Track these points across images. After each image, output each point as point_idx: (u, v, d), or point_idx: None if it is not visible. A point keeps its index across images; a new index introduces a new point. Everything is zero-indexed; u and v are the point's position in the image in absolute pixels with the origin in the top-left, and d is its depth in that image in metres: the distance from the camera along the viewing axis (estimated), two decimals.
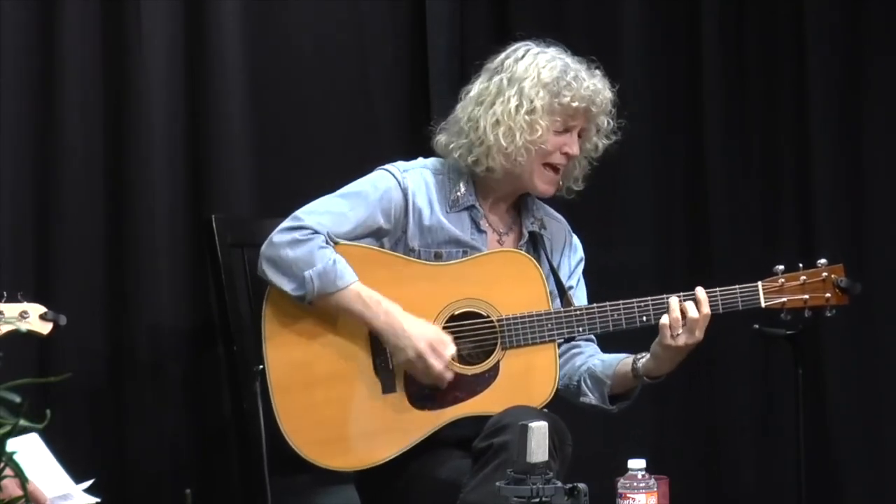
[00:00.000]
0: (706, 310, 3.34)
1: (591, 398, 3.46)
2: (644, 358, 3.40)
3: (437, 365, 3.31)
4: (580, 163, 3.53)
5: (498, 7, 4.46)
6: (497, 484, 2.72)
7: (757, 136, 4.63)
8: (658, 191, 4.59)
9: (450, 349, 3.32)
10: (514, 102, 3.43)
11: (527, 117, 3.41)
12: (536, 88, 3.43)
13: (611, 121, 3.51)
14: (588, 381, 3.46)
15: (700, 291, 3.36)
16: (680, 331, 3.33)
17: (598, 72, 3.49)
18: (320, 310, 3.35)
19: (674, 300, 3.35)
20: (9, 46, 3.62)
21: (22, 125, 3.65)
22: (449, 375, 3.33)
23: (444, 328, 3.37)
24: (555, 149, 3.45)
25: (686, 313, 3.34)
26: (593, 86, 3.45)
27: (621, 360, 3.45)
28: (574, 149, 3.45)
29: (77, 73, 3.70)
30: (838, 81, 4.59)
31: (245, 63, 3.95)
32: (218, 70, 3.90)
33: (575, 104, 3.43)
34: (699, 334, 3.34)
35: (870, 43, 4.59)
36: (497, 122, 3.43)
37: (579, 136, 3.48)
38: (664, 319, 3.33)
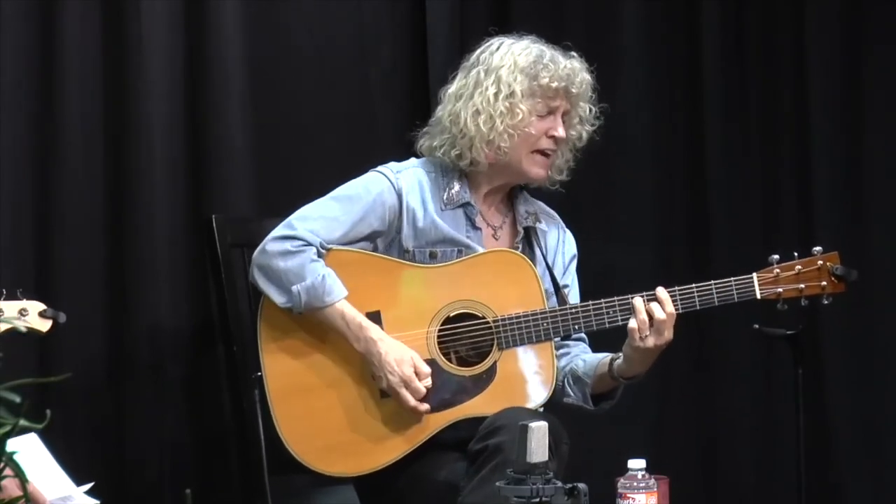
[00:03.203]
0: (670, 309, 3.32)
1: (573, 398, 3.46)
2: (619, 360, 3.39)
3: (409, 401, 3.31)
4: (564, 153, 3.52)
5: (498, 7, 4.47)
6: (497, 484, 2.72)
7: (757, 133, 4.64)
8: (657, 189, 4.59)
9: (426, 382, 3.32)
10: (492, 90, 3.44)
11: (506, 102, 3.42)
12: (514, 74, 3.44)
13: (592, 107, 3.51)
14: (570, 381, 3.46)
15: (661, 291, 3.35)
16: (648, 332, 3.32)
17: (574, 55, 3.49)
18: (314, 317, 3.35)
19: (638, 301, 3.34)
20: (8, 47, 3.62)
21: (22, 125, 3.65)
22: (423, 408, 3.32)
23: (440, 331, 3.37)
24: (540, 134, 3.45)
25: (652, 314, 3.32)
26: (571, 66, 3.46)
27: (601, 361, 3.44)
28: (560, 131, 3.45)
29: (77, 73, 3.70)
30: (838, 73, 4.60)
31: (245, 63, 3.95)
32: (218, 70, 3.89)
33: (554, 84, 3.42)
34: (668, 334, 3.33)
35: (869, 33, 4.60)
36: (477, 112, 3.43)
37: (562, 119, 3.47)
38: (632, 323, 3.32)
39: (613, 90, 4.46)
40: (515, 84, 3.43)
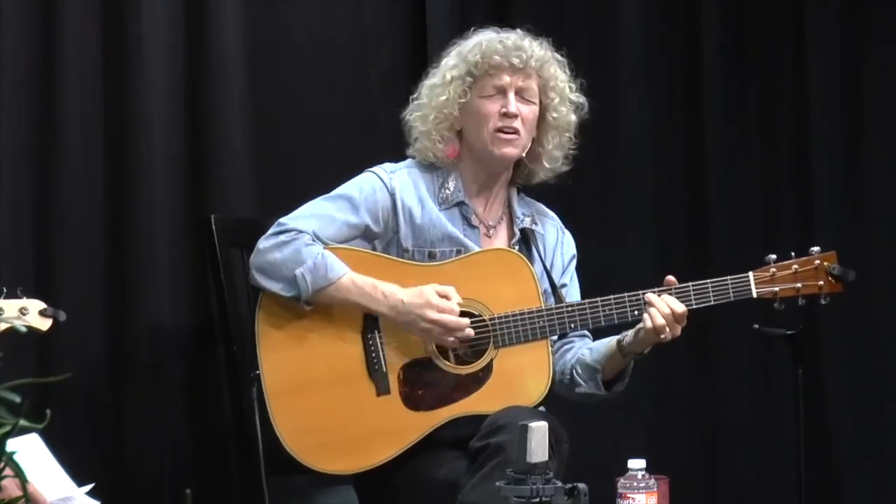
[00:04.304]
0: (681, 307, 3.34)
1: (584, 387, 3.45)
2: (628, 337, 3.39)
3: (449, 319, 3.30)
4: (551, 137, 3.50)
5: (498, 7, 4.47)
6: (497, 484, 2.72)
7: (757, 133, 4.64)
8: (658, 189, 4.59)
9: (454, 298, 3.32)
10: (432, 81, 3.49)
11: (439, 87, 3.45)
12: (453, 62, 3.47)
13: (571, 85, 3.49)
14: (579, 371, 3.46)
15: (651, 296, 3.35)
16: (668, 331, 3.33)
17: (528, 35, 3.48)
18: (312, 314, 3.35)
19: (658, 302, 3.33)
20: (8, 47, 3.62)
21: (22, 125, 3.65)
22: (466, 321, 3.32)
23: None
24: (493, 113, 3.43)
25: (674, 311, 3.32)
26: (512, 42, 3.45)
27: (608, 344, 3.44)
28: (511, 107, 3.42)
29: (77, 73, 3.70)
30: (838, 73, 4.60)
31: (245, 63, 3.95)
32: (218, 70, 3.90)
33: (488, 60, 3.42)
34: (679, 329, 3.34)
35: (869, 33, 4.60)
36: (419, 105, 3.49)
37: (523, 98, 3.45)
38: (648, 323, 3.31)
39: (613, 90, 4.47)
40: (451, 70, 3.45)
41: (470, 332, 3.34)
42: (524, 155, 3.49)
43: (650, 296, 3.34)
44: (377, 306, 3.33)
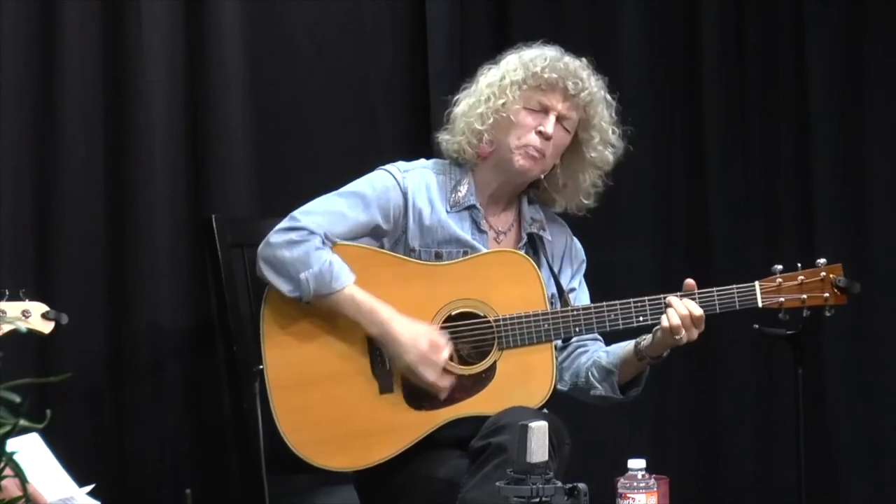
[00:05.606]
0: (699, 311, 3.35)
1: (600, 389, 3.45)
2: (645, 340, 3.40)
3: (429, 376, 3.31)
4: (588, 173, 3.51)
5: (498, 7, 4.47)
6: (497, 484, 2.72)
7: (757, 134, 4.64)
8: (658, 190, 4.59)
9: (444, 354, 3.32)
10: (490, 79, 3.47)
11: (495, 88, 3.44)
12: (514, 65, 3.46)
13: (614, 129, 3.51)
14: (595, 373, 3.45)
15: (690, 293, 3.36)
16: (683, 332, 3.34)
17: (590, 68, 3.48)
18: (318, 310, 3.35)
19: (677, 303, 3.34)
20: (9, 46, 3.62)
21: (22, 125, 3.65)
22: (445, 383, 3.33)
23: (442, 329, 3.37)
24: (529, 128, 3.43)
25: (692, 313, 3.33)
26: (573, 66, 3.46)
27: (625, 347, 3.44)
28: (548, 127, 3.42)
29: (77, 73, 3.70)
30: (838, 74, 4.60)
31: (245, 63, 3.95)
32: (218, 70, 3.90)
33: (546, 74, 3.42)
34: (696, 332, 3.35)
35: (870, 34, 4.59)
36: (470, 101, 3.48)
37: (561, 124, 3.45)
38: (665, 322, 3.32)
39: (613, 90, 4.47)
40: (511, 73, 3.45)
41: (443, 394, 3.33)
42: (544, 179, 3.49)
43: (671, 297, 3.35)
44: (369, 329, 3.33)
